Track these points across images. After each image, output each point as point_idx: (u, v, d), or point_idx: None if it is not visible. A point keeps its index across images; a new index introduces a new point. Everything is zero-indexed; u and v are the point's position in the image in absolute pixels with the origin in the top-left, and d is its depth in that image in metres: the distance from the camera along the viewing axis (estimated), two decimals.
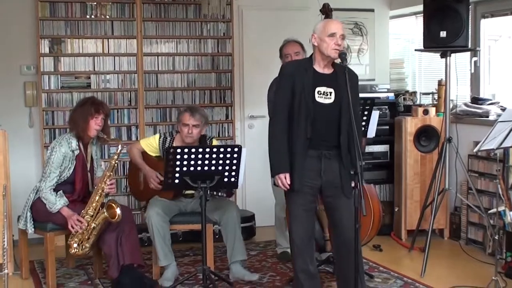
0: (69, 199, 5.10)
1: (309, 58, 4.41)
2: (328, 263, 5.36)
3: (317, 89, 4.26)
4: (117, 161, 5.18)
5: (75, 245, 5.03)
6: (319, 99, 4.25)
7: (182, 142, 5.41)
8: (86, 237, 5.02)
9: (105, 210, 4.98)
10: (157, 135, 5.57)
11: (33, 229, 5.20)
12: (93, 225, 5.00)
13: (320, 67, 4.31)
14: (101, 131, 5.20)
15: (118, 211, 4.99)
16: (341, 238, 4.36)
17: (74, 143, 5.14)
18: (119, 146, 5.16)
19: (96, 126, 5.15)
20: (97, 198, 5.07)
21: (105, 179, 5.09)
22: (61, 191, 5.10)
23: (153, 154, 5.50)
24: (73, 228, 4.99)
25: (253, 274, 5.31)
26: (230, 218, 5.29)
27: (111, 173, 5.13)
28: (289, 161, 4.30)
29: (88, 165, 5.27)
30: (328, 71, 4.30)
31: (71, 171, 5.13)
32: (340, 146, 4.26)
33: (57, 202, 5.04)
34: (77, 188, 5.18)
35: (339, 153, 4.28)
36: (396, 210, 6.60)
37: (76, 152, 5.15)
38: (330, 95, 4.26)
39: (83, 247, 5.04)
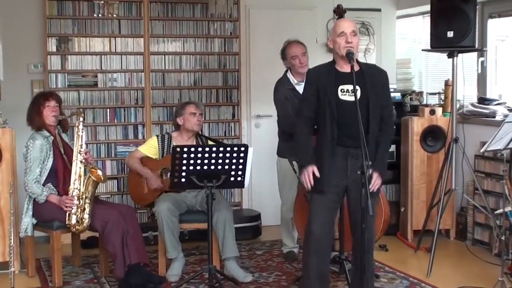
0: (58, 193, 5.15)
1: (331, 61, 4.43)
2: (334, 263, 5.36)
3: (340, 87, 4.26)
4: (82, 131, 5.16)
5: (74, 222, 5.04)
6: (343, 97, 4.26)
7: (181, 138, 5.56)
8: (82, 208, 5.03)
9: (90, 175, 5.06)
10: (154, 137, 5.67)
11: (32, 231, 5.24)
12: (84, 195, 5.04)
13: (342, 68, 4.31)
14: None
15: (99, 171, 5.14)
16: (359, 238, 4.34)
17: (45, 132, 5.22)
18: (80, 118, 5.17)
19: (52, 113, 5.22)
20: (77, 170, 5.08)
21: (78, 150, 5.10)
22: (49, 184, 5.15)
23: (154, 157, 5.56)
24: (67, 208, 5.02)
25: (248, 274, 5.30)
26: (220, 215, 5.27)
27: (82, 144, 5.13)
28: (317, 161, 4.33)
29: (62, 150, 5.27)
30: (354, 68, 4.24)
31: (51, 158, 5.16)
32: (368, 144, 4.20)
33: (43, 192, 5.09)
34: (60, 175, 5.18)
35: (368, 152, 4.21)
36: (402, 210, 6.59)
37: (51, 139, 5.21)
38: (356, 92, 4.24)
39: (82, 219, 5.05)
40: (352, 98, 4.23)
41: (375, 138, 4.31)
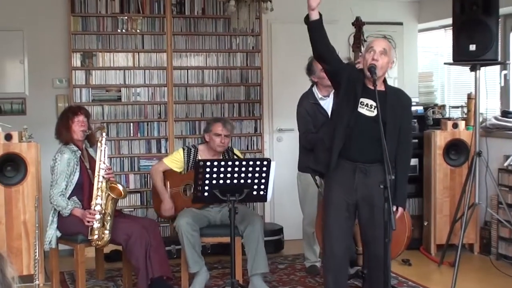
0: (82, 206, 5.14)
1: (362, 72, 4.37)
2: (357, 277, 5.34)
3: (361, 99, 4.23)
4: (105, 146, 5.15)
5: (95, 237, 5.05)
6: (360, 109, 4.23)
7: (207, 152, 5.55)
8: (102, 224, 5.03)
9: (109, 193, 5.04)
10: (181, 149, 5.65)
11: (56, 243, 5.24)
12: (104, 211, 5.03)
13: (367, 84, 4.27)
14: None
15: (120, 187, 5.12)
16: (374, 254, 4.34)
17: (73, 146, 5.21)
18: (103, 133, 5.15)
19: (80, 127, 5.21)
20: (99, 185, 5.08)
21: (100, 165, 5.10)
22: (74, 197, 5.15)
23: (178, 170, 5.56)
24: (89, 223, 5.01)
25: None
26: (253, 230, 5.31)
27: (104, 159, 5.12)
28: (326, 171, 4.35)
29: (87, 164, 5.27)
30: (378, 88, 4.18)
31: (78, 173, 5.16)
32: (381, 161, 4.21)
33: (68, 205, 5.07)
34: (85, 190, 5.18)
35: (380, 169, 4.16)
36: (425, 224, 6.56)
37: (79, 153, 5.20)
38: (374, 109, 4.20)
39: (102, 235, 5.05)
40: (369, 113, 4.22)
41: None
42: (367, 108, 4.23)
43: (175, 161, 5.56)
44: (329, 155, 4.32)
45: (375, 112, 4.19)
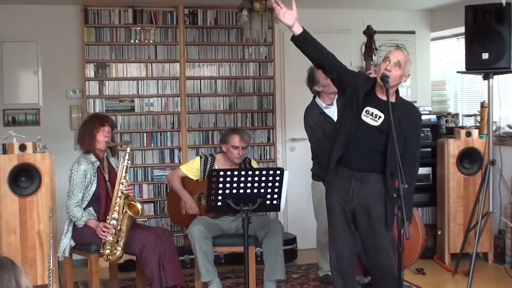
0: (98, 218, 5.11)
1: (375, 81, 4.33)
2: (371, 286, 5.33)
3: (366, 108, 4.22)
4: (128, 161, 5.09)
5: (107, 251, 5.02)
6: (364, 117, 4.22)
7: (224, 162, 5.54)
8: (115, 240, 5.00)
9: (127, 210, 5.00)
10: (198, 158, 5.66)
11: (69, 253, 5.20)
12: (119, 227, 4.99)
13: (378, 93, 4.26)
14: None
15: (138, 205, 5.08)
16: (375, 265, 4.33)
17: (92, 157, 5.14)
18: (128, 148, 5.10)
19: (104, 138, 5.14)
20: (117, 200, 5.03)
21: (121, 180, 5.07)
22: (89, 208, 5.12)
23: (194, 178, 5.57)
24: (102, 235, 4.98)
25: None
26: (274, 239, 5.31)
27: (126, 174, 5.08)
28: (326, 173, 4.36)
29: (107, 176, 5.22)
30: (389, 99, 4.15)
31: (95, 184, 5.12)
32: (379, 171, 4.21)
33: (83, 216, 5.04)
34: (102, 201, 5.14)
35: (378, 179, 4.22)
36: (439, 233, 6.53)
37: (97, 164, 5.14)
38: (379, 119, 4.21)
39: (115, 251, 5.02)
40: (373, 123, 4.21)
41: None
42: (372, 117, 4.21)
43: (192, 169, 5.58)
44: (328, 161, 4.32)
45: (379, 122, 4.19)
